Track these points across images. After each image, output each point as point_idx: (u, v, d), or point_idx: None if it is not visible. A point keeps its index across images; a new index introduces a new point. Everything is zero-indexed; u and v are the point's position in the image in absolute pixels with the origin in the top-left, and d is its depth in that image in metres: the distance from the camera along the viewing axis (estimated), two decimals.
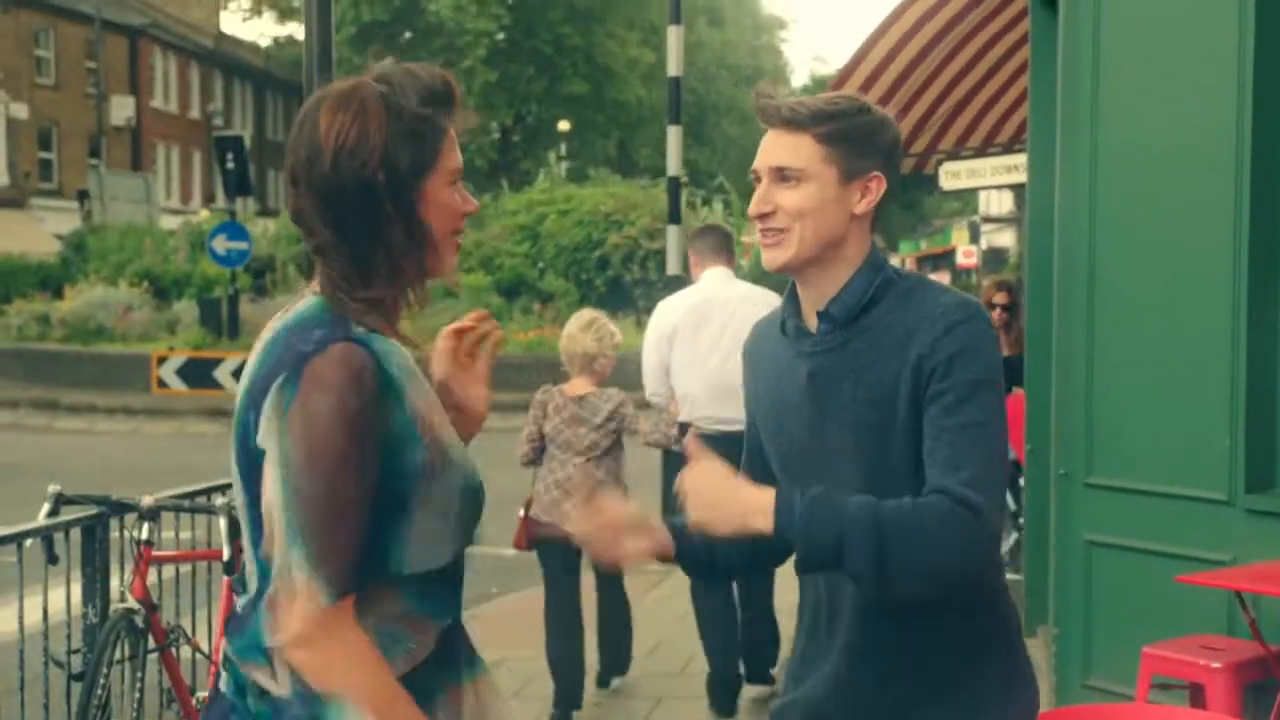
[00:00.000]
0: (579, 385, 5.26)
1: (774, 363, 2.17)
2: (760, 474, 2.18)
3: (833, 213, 2.04)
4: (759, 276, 23.13)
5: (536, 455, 5.27)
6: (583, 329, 5.27)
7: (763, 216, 2.07)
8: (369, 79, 1.82)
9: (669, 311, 5.61)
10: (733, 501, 1.94)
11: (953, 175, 10.66)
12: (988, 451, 1.96)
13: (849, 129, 2.04)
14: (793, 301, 2.15)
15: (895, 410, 2.00)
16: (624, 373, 6.14)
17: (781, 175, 2.05)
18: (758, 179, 2.10)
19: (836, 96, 2.10)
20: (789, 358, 2.13)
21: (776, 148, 2.06)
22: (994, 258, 35.83)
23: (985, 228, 38.17)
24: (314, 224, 1.80)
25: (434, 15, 36.40)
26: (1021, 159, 8.92)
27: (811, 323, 2.11)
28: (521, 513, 5.38)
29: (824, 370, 2.07)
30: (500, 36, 37.78)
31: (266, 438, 1.71)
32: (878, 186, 2.07)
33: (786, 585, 6.49)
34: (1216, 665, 3.85)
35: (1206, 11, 4.35)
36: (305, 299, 1.84)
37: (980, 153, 9.88)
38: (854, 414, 2.04)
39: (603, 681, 5.73)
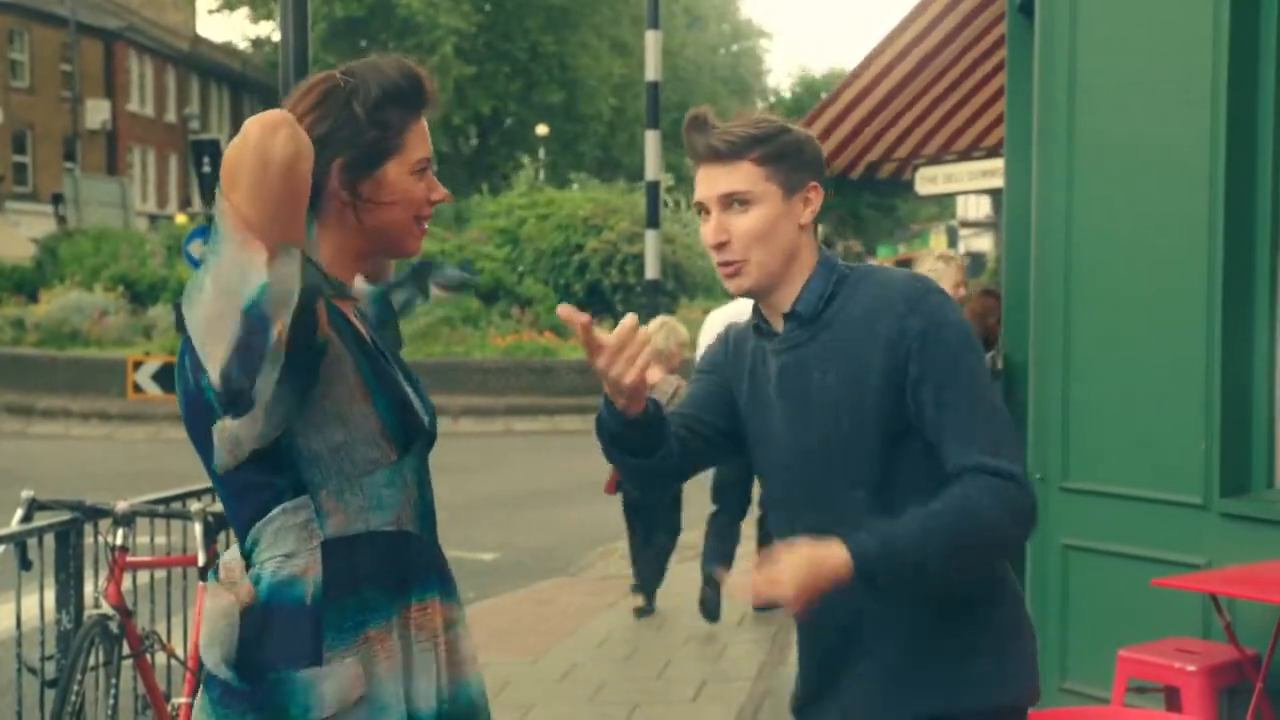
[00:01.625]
0: (652, 374, 6.51)
1: (748, 363, 2.26)
2: (695, 397, 2.28)
3: (784, 228, 2.15)
4: None
5: None
6: (655, 330, 6.90)
7: (719, 246, 2.15)
8: (336, 73, 1.96)
9: (720, 321, 6.79)
10: (817, 571, 1.98)
11: (929, 180, 10.69)
12: (995, 416, 2.07)
13: (781, 147, 2.15)
14: (758, 310, 2.25)
15: (868, 392, 2.09)
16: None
17: (731, 202, 2.14)
18: (704, 211, 2.17)
19: (758, 119, 2.19)
20: (760, 357, 2.23)
21: (718, 178, 2.14)
22: (972, 262, 35.96)
23: (963, 232, 38.29)
24: None
25: (404, 9, 36.34)
26: (997, 164, 8.96)
27: (777, 325, 2.21)
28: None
29: (793, 365, 2.17)
30: (476, 35, 37.74)
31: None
32: (817, 195, 2.18)
33: None
34: (1192, 668, 3.87)
35: (1181, 19, 4.37)
36: None
37: (965, 156, 9.92)
38: (830, 397, 2.12)
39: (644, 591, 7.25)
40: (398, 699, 1.91)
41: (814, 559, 1.96)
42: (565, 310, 1.98)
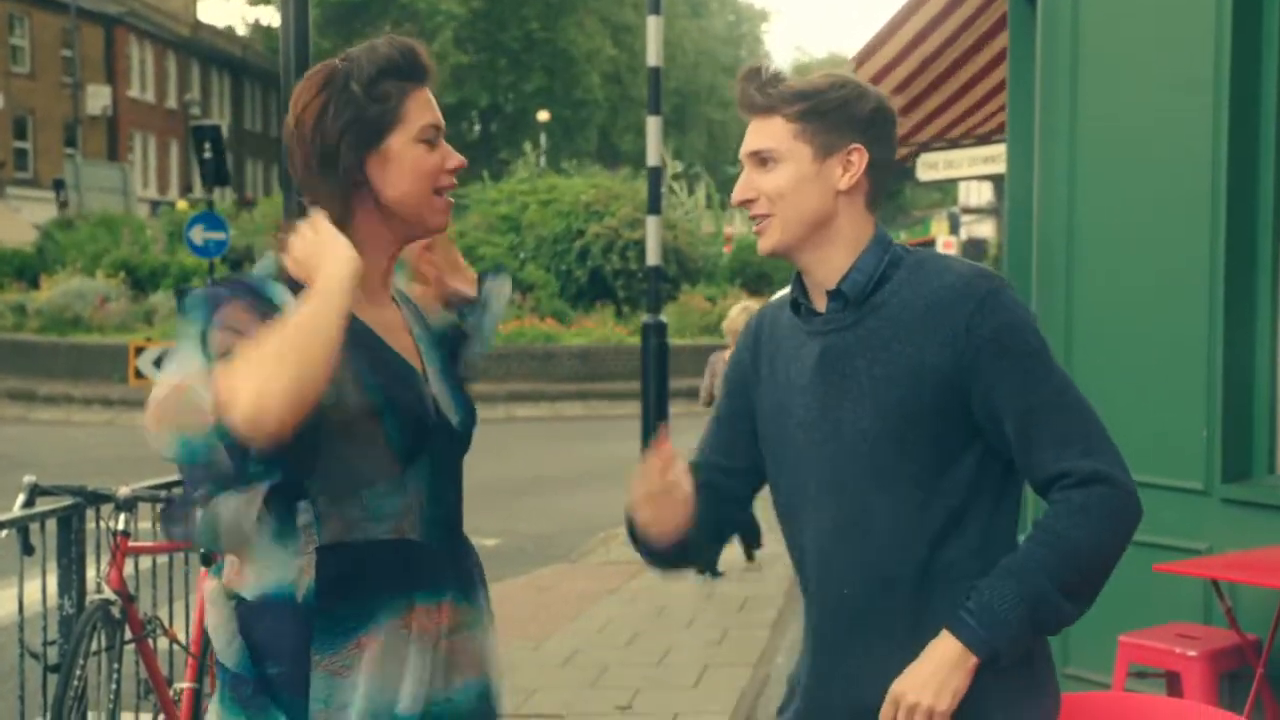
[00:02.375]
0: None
1: (781, 343, 2.12)
2: (724, 438, 2.18)
3: (813, 191, 2.01)
4: (738, 268, 23.03)
5: (711, 402, 7.17)
6: (739, 312, 7.56)
7: (745, 203, 2.05)
8: (335, 60, 1.99)
9: None
10: (936, 677, 1.92)
11: (930, 166, 10.66)
12: (1086, 416, 1.96)
13: (820, 105, 2.01)
14: (799, 284, 2.10)
15: (921, 388, 1.95)
16: (602, 362, 6.50)
17: (759, 159, 2.03)
18: (743, 168, 2.08)
19: (815, 75, 2.06)
20: (798, 338, 2.08)
21: (753, 133, 2.05)
22: (973, 249, 35.93)
23: (965, 219, 38.26)
24: (301, 189, 1.99)
25: None
26: (999, 150, 8.94)
27: (819, 303, 2.07)
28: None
29: (836, 348, 2.02)
30: (472, 22, 37.79)
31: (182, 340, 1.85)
32: (860, 159, 2.01)
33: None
34: (1193, 654, 3.87)
35: (1184, 4, 4.36)
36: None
37: (984, 140, 9.86)
38: (871, 392, 1.98)
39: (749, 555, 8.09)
40: (371, 700, 1.89)
41: (918, 674, 1.92)
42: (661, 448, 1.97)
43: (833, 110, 2.01)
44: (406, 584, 1.94)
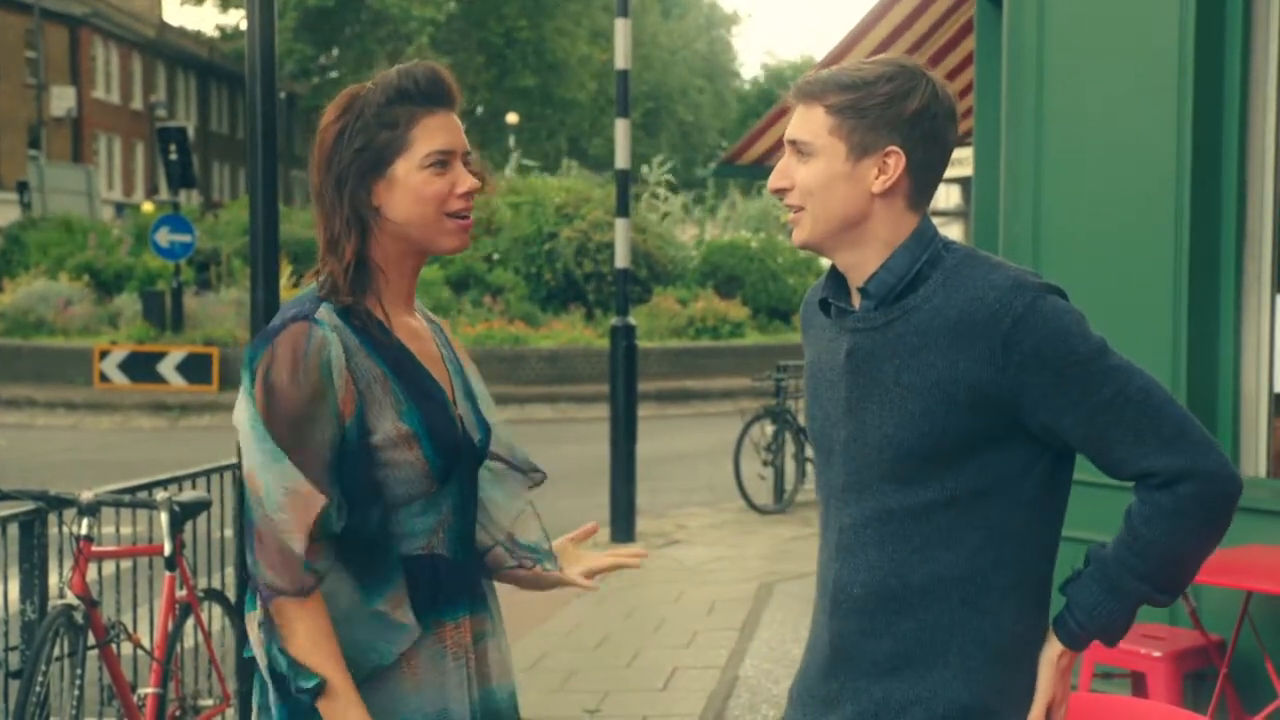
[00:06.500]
0: None
1: (818, 335, 2.06)
2: None
3: (844, 191, 1.92)
4: (709, 271, 23.03)
5: None
6: None
7: (780, 191, 1.97)
8: (366, 84, 2.04)
9: None
10: (1055, 685, 1.96)
11: None
12: (1158, 406, 1.88)
13: (861, 100, 1.90)
14: (834, 277, 2.02)
15: (953, 401, 1.87)
16: (570, 365, 6.39)
17: (797, 149, 1.95)
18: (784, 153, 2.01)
19: (868, 62, 1.95)
20: (831, 332, 2.02)
21: (795, 119, 1.96)
22: None
23: (934, 221, 38.51)
24: (316, 204, 2.03)
25: (379, 1, 36.24)
26: (966, 153, 8.97)
27: (856, 299, 1.99)
28: None
29: (863, 349, 1.95)
30: (447, 24, 37.70)
31: (241, 398, 1.94)
32: (896, 162, 1.91)
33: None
34: (1158, 654, 3.90)
35: (1149, 9, 4.40)
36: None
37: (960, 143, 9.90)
38: (897, 399, 1.91)
39: None
40: (422, 713, 1.97)
41: (1048, 673, 1.96)
42: None
43: (874, 108, 1.90)
44: (433, 599, 2.01)
